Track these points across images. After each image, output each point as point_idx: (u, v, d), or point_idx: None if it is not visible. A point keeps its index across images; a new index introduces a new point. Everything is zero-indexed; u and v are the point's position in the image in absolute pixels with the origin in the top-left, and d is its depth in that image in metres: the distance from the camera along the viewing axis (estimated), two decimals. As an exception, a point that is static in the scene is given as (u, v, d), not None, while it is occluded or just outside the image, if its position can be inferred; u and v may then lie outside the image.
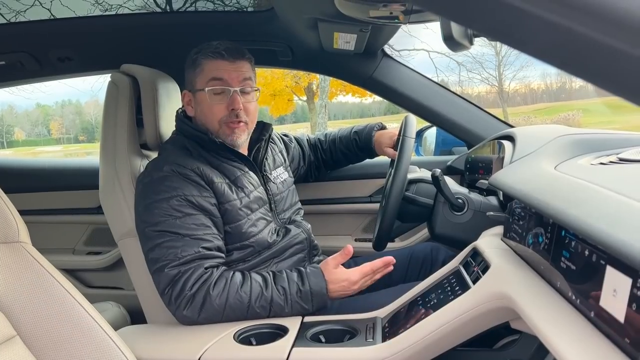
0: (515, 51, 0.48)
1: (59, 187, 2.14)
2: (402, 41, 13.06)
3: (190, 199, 1.27)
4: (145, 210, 1.28)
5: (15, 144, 30.29)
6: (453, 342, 0.98)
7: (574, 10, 0.36)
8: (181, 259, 1.21)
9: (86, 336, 0.90)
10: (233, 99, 1.35)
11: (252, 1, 1.83)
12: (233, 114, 1.36)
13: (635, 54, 0.36)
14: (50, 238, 2.15)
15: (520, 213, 1.03)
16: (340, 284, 1.28)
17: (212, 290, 1.20)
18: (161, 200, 1.26)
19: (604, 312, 0.64)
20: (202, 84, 1.36)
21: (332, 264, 1.30)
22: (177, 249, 1.22)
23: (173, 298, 1.21)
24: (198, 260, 1.23)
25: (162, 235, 1.24)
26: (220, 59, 1.35)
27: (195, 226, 1.25)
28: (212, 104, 1.36)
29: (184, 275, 1.20)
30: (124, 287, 2.12)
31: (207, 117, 1.37)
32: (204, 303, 1.20)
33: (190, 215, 1.26)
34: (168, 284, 1.21)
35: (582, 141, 1.18)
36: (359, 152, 1.79)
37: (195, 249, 1.23)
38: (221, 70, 1.35)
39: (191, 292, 1.20)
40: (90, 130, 29.98)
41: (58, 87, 33.47)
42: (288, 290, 1.24)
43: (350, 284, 1.29)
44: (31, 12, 1.82)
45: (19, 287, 0.88)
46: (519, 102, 22.72)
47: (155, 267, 1.24)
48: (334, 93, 14.18)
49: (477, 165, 1.65)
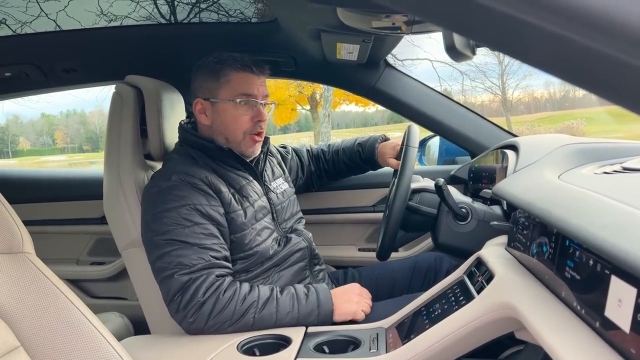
0: (518, 61, 0.48)
1: (63, 197, 2.15)
2: (406, 51, 13.09)
3: (199, 208, 1.27)
4: (154, 220, 1.28)
5: (20, 153, 30.43)
6: (457, 352, 0.97)
7: (574, 22, 0.36)
8: (191, 267, 1.21)
9: (89, 347, 0.90)
10: (259, 112, 1.40)
11: (256, 12, 1.84)
12: (258, 126, 1.40)
13: (635, 64, 0.36)
14: (54, 248, 2.15)
15: (524, 222, 1.02)
16: (343, 295, 1.31)
17: (222, 297, 1.20)
18: (170, 209, 1.26)
19: (608, 322, 0.63)
20: (228, 95, 1.37)
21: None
22: (187, 257, 1.22)
23: (182, 305, 1.20)
24: (208, 269, 1.23)
25: (170, 244, 1.24)
26: (250, 72, 1.38)
27: (203, 236, 1.25)
28: (238, 115, 1.38)
29: (196, 282, 1.20)
30: (128, 297, 2.12)
31: (230, 127, 1.39)
32: (212, 311, 1.19)
33: (199, 225, 1.26)
34: (178, 290, 1.21)
35: (586, 150, 1.18)
36: (362, 164, 1.79)
37: (205, 257, 1.23)
38: (251, 85, 1.38)
39: (202, 299, 1.19)
40: (95, 140, 30.11)
41: (63, 97, 33.67)
42: (295, 296, 1.26)
43: (352, 294, 1.33)
44: (37, 23, 1.83)
45: (22, 298, 0.88)
46: (522, 111, 22.72)
47: (164, 274, 1.23)
48: (337, 102, 14.20)
49: (481, 174, 1.65)
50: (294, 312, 1.23)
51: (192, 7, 1.88)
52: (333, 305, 1.26)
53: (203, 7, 1.84)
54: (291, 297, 1.25)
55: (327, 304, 1.26)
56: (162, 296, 1.26)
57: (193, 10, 1.88)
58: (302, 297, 1.26)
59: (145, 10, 1.84)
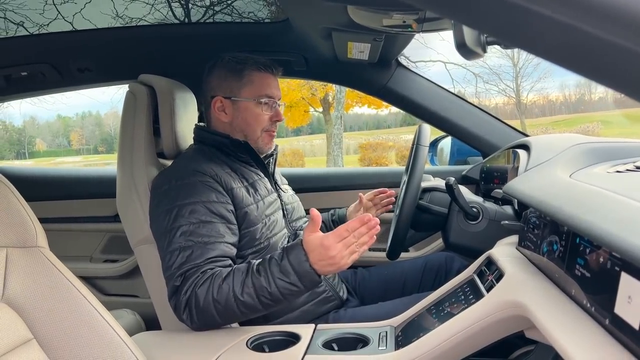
0: (533, 62, 0.48)
1: (77, 195, 2.18)
2: (419, 52, 13.08)
3: (208, 206, 1.28)
4: (162, 216, 1.29)
5: (36, 154, 30.83)
6: (466, 351, 0.97)
7: (583, 11, 0.36)
8: (186, 267, 1.20)
9: (101, 340, 0.91)
10: (277, 112, 1.48)
11: (269, 13, 1.85)
12: (274, 124, 1.47)
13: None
14: (68, 246, 2.18)
15: (536, 222, 1.02)
16: (318, 251, 1.13)
17: (198, 290, 1.17)
18: (180, 206, 1.27)
19: (618, 319, 0.63)
20: (251, 94, 1.43)
21: (306, 234, 1.16)
22: (188, 257, 1.22)
23: (176, 305, 1.21)
24: (201, 267, 1.21)
25: (176, 242, 1.24)
26: (271, 74, 1.46)
27: (208, 235, 1.25)
28: (259, 114, 1.44)
29: (183, 283, 1.19)
30: (140, 295, 2.14)
31: (251, 125, 1.44)
32: (196, 305, 1.17)
33: (207, 223, 1.26)
34: (174, 290, 1.21)
35: (599, 149, 1.17)
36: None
37: (206, 256, 1.22)
38: (272, 85, 1.46)
39: (185, 297, 1.19)
40: (110, 142, 30.38)
41: (79, 98, 34.21)
42: (268, 270, 1.16)
43: (325, 249, 1.12)
44: (53, 26, 1.87)
45: (36, 291, 0.90)
46: (537, 114, 22.51)
47: (166, 275, 1.25)
48: (350, 104, 14.20)
49: (492, 174, 1.64)
50: (271, 284, 1.14)
51: (206, 10, 1.89)
52: (308, 258, 1.14)
53: (217, 10, 1.86)
54: (264, 269, 1.16)
55: (300, 262, 1.14)
56: None
57: (207, 13, 1.90)
58: (274, 265, 1.16)
59: (160, 13, 1.87)
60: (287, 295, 1.16)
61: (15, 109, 44.46)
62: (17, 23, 1.82)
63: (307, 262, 1.13)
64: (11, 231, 0.91)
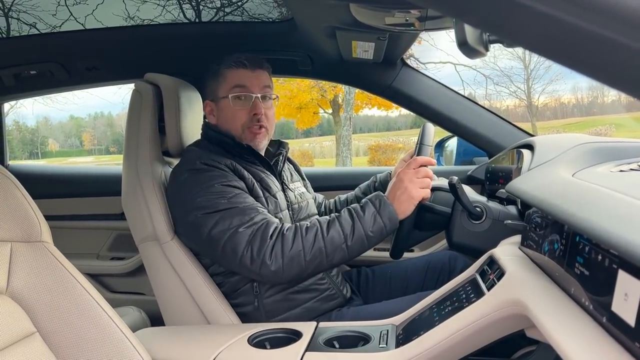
0: (544, 64, 0.47)
1: (85, 193, 2.20)
2: (429, 54, 13.04)
3: (231, 184, 1.31)
4: (194, 200, 1.29)
5: (49, 154, 31.04)
6: (467, 349, 0.97)
7: (577, 6, 0.36)
8: (250, 221, 1.24)
9: (103, 335, 0.92)
10: (255, 105, 1.43)
11: (279, 14, 1.86)
12: (255, 119, 1.43)
13: (635, 47, 0.36)
14: (75, 243, 2.20)
15: (538, 221, 1.01)
16: (392, 186, 1.32)
17: (287, 233, 1.23)
18: (206, 187, 1.29)
19: (615, 317, 0.62)
20: (225, 91, 1.43)
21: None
22: (241, 216, 1.24)
23: (255, 254, 1.21)
24: (266, 219, 1.26)
25: (220, 212, 1.26)
26: (243, 67, 1.43)
27: (246, 201, 1.29)
28: (235, 110, 1.43)
29: (260, 229, 1.23)
30: (146, 292, 2.16)
31: (230, 122, 1.44)
32: (283, 248, 1.21)
33: (239, 194, 1.29)
34: (247, 242, 1.22)
35: (603, 149, 1.16)
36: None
37: (259, 211, 1.27)
38: (244, 78, 1.42)
39: (272, 242, 1.21)
40: (121, 142, 30.37)
41: (90, 99, 34.34)
42: (352, 210, 1.28)
43: (398, 181, 1.30)
44: (66, 27, 1.88)
45: (40, 285, 0.91)
46: (548, 117, 22.32)
47: (225, 237, 1.24)
48: (360, 106, 14.17)
49: (497, 174, 1.64)
50: (357, 225, 1.25)
51: (217, 11, 1.90)
52: (393, 207, 1.28)
53: (227, 12, 1.86)
54: (349, 213, 1.28)
55: (387, 209, 1.27)
56: (228, 262, 1.26)
57: (218, 14, 1.90)
58: (360, 210, 1.28)
59: (171, 15, 1.87)
60: (370, 233, 1.25)
61: (28, 110, 44.89)
62: (29, 24, 1.84)
63: (387, 197, 1.29)
64: (16, 226, 0.92)
